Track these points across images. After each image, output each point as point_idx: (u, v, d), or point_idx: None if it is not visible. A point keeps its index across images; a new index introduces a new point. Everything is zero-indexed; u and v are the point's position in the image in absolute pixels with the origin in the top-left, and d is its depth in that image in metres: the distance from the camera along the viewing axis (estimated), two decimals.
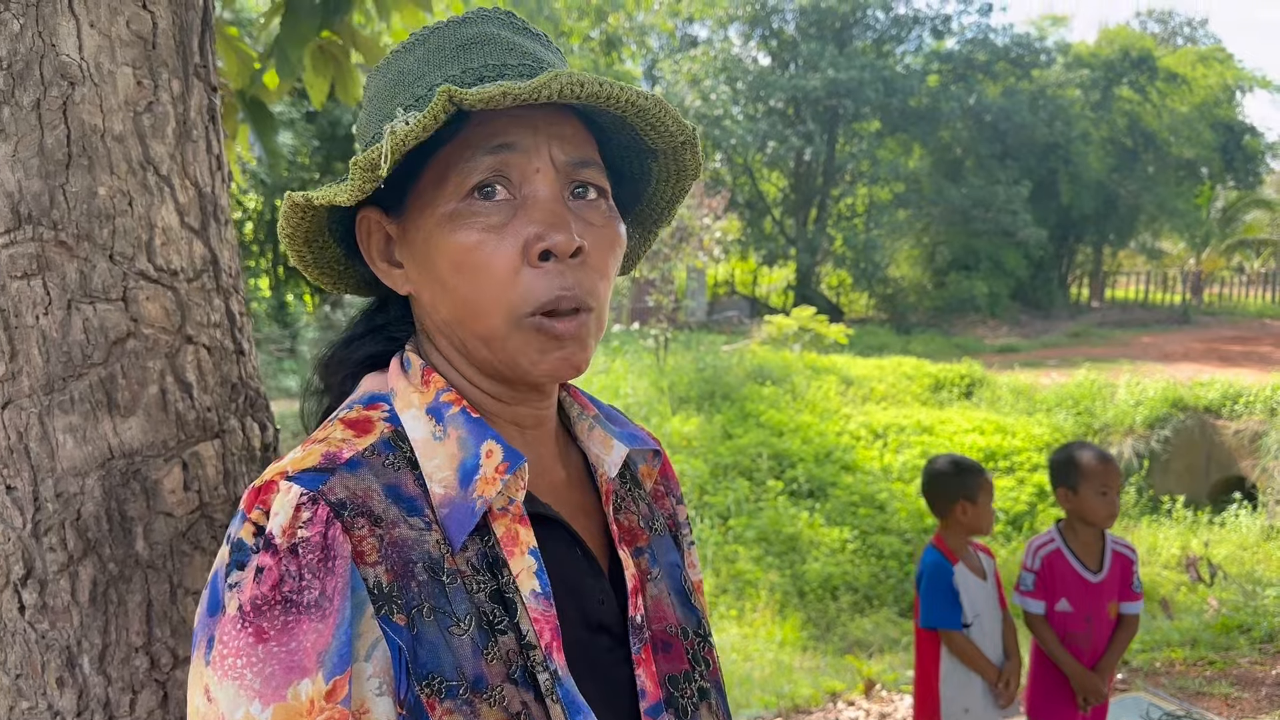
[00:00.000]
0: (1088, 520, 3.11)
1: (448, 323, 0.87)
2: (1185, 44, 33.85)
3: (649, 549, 0.99)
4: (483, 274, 0.81)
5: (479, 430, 0.85)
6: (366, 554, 0.76)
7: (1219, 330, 22.37)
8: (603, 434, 0.99)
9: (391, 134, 0.76)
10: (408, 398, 0.87)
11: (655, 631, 0.94)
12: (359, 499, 0.78)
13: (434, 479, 0.83)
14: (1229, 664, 4.94)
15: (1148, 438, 11.80)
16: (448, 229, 0.82)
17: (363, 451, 0.81)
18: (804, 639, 7.67)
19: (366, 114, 0.91)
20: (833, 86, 24.36)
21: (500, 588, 0.81)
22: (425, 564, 0.78)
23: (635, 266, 1.05)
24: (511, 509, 0.84)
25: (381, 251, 0.90)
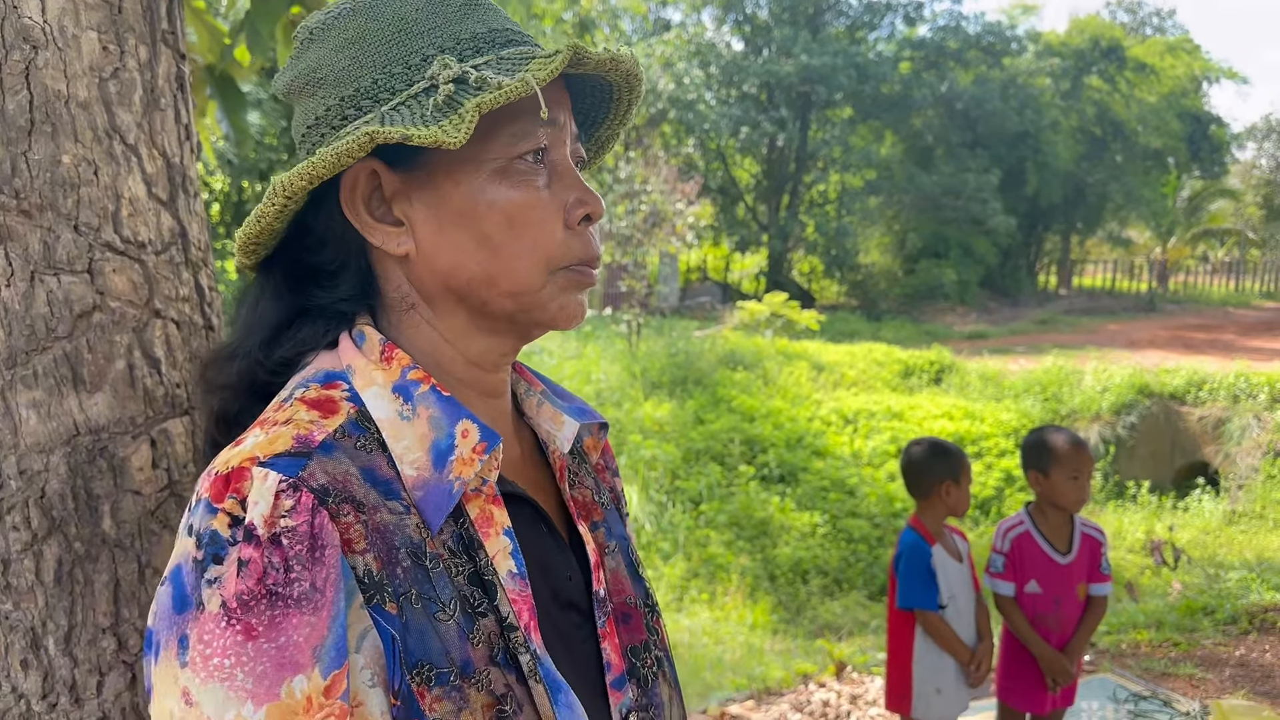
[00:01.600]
0: (1058, 504, 3.13)
1: (472, 281, 0.84)
2: (1154, 34, 34.18)
3: (604, 523, 1.00)
4: (535, 229, 0.83)
5: (452, 409, 0.82)
6: (354, 541, 0.74)
7: (1184, 318, 22.67)
8: (552, 409, 0.98)
9: (498, 88, 0.77)
10: (368, 375, 0.84)
11: (616, 604, 0.95)
12: (340, 484, 0.75)
13: (405, 461, 0.80)
14: (1193, 645, 5.01)
15: (1114, 424, 11.94)
16: (502, 184, 0.82)
17: (334, 433, 0.78)
18: (775, 622, 7.71)
19: (358, 53, 0.84)
20: (805, 72, 24.36)
21: (478, 570, 0.80)
22: (408, 549, 0.76)
23: None
24: (485, 489, 0.83)
25: (373, 209, 0.85)
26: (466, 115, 0.75)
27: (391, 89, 0.82)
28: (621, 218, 14.53)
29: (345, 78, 0.83)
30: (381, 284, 0.88)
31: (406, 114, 0.79)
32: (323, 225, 0.87)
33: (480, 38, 0.84)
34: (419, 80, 0.81)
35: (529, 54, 0.83)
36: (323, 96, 0.85)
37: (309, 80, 0.86)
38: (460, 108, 0.77)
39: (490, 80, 0.78)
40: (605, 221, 14.59)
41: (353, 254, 0.87)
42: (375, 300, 0.89)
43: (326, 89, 0.84)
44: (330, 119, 0.84)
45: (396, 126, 0.76)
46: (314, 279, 0.89)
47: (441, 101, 0.78)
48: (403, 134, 0.75)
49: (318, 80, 0.85)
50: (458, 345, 0.88)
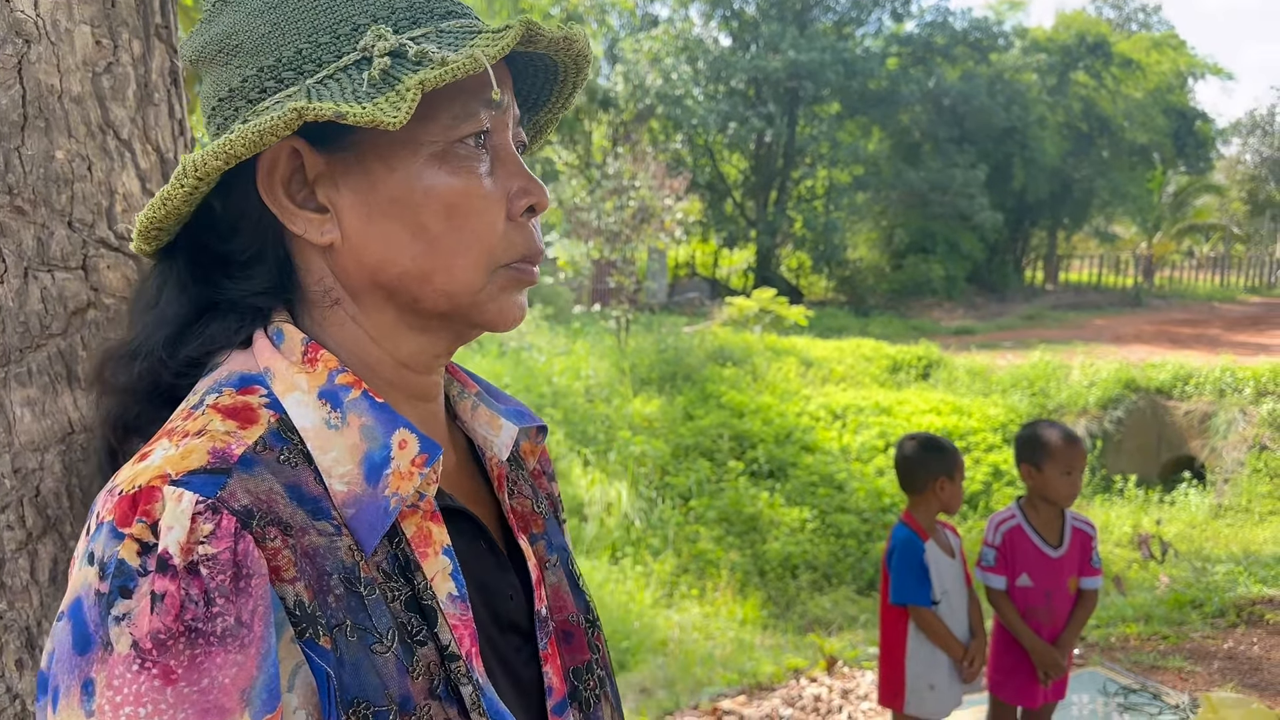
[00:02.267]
0: (1049, 498, 3.15)
1: (404, 276, 0.76)
2: (1139, 30, 34.34)
3: (544, 534, 0.93)
4: (476, 219, 0.76)
5: (387, 418, 0.74)
6: (283, 569, 0.66)
7: (1170, 313, 22.79)
8: (488, 413, 0.91)
9: (442, 64, 0.70)
10: (289, 379, 0.75)
11: (558, 622, 0.90)
12: (264, 504, 0.67)
13: (333, 475, 0.72)
14: (1182, 638, 5.04)
15: (1101, 418, 12.00)
16: (441, 169, 0.75)
17: (254, 446, 0.70)
18: (764, 617, 7.73)
19: (280, 19, 0.75)
20: (793, 68, 24.38)
21: (416, 594, 0.73)
22: (341, 575, 0.69)
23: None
24: (423, 505, 0.76)
25: (293, 192, 0.76)
26: (408, 93, 0.68)
27: (318, 60, 0.74)
28: (610, 214, 14.52)
29: (265, 46, 0.75)
30: (301, 276, 0.80)
31: (336, 89, 0.72)
32: (234, 210, 0.78)
33: (417, 7, 0.77)
34: (348, 52, 0.74)
35: (472, 27, 0.77)
36: (238, 66, 0.76)
37: (222, 47, 0.77)
38: (398, 84, 0.70)
39: (432, 55, 0.71)
40: (594, 218, 14.59)
41: (269, 242, 0.79)
42: (293, 294, 0.80)
43: (243, 58, 0.76)
44: (247, 91, 0.75)
45: (327, 102, 0.69)
46: (223, 269, 0.80)
47: (377, 76, 0.71)
48: (335, 111, 0.67)
49: (233, 48, 0.76)
50: (385, 345, 0.80)
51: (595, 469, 9.84)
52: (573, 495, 9.39)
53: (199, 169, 0.71)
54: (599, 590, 7.53)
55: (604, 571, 8.08)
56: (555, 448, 10.21)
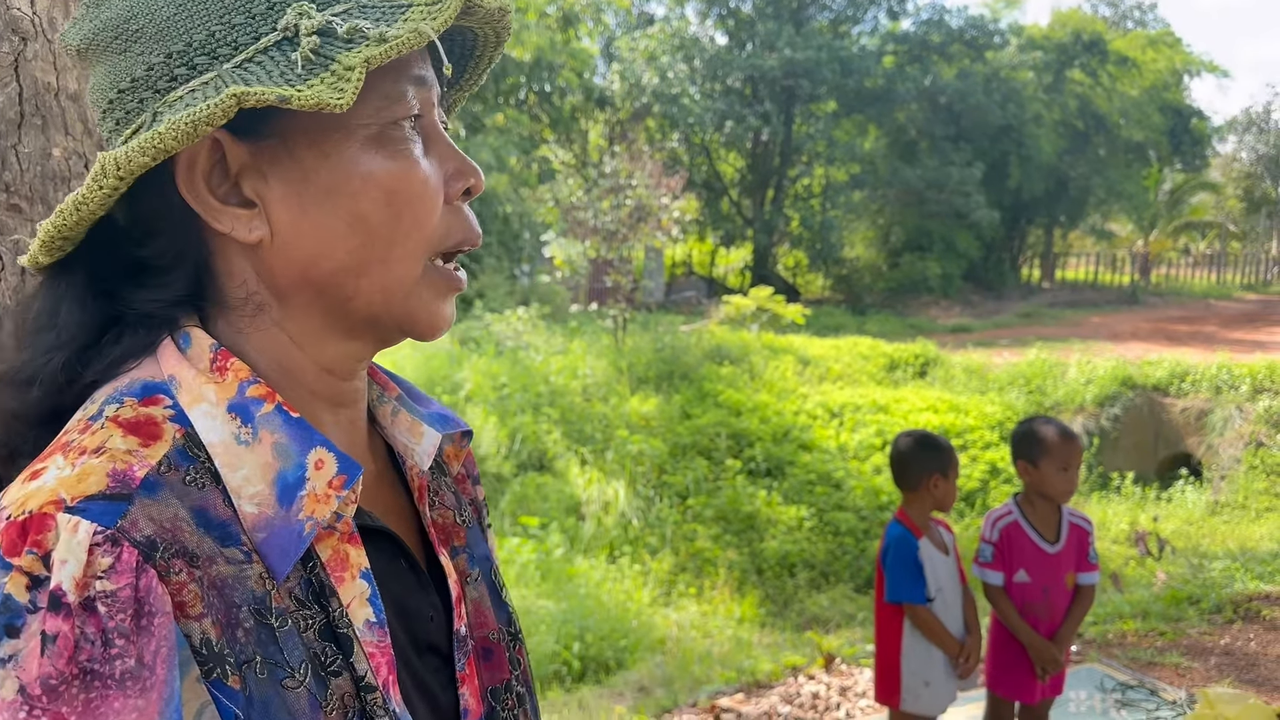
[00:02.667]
0: (1046, 495, 3.15)
1: (338, 272, 0.71)
2: (1135, 28, 34.37)
3: (466, 547, 0.88)
4: (418, 204, 0.72)
5: (302, 435, 0.69)
6: (188, 605, 0.61)
7: (1166, 310, 22.83)
8: (409, 418, 0.85)
9: (380, 40, 0.66)
10: (196, 389, 0.69)
11: (477, 640, 0.86)
12: (169, 533, 0.61)
13: (243, 495, 0.67)
14: (1179, 635, 5.05)
15: (1098, 415, 12.02)
16: (378, 154, 0.70)
17: (158, 467, 0.64)
18: (762, 615, 7.74)
19: (186, 0, 0.69)
20: (789, 66, 24.39)
21: (331, 621, 0.68)
22: (251, 606, 0.64)
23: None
24: (340, 526, 0.71)
25: (214, 187, 0.70)
26: (352, 73, 0.64)
27: (233, 43, 0.68)
28: (606, 212, 14.52)
29: (171, 30, 0.68)
30: (222, 280, 0.73)
31: (261, 72, 0.66)
32: (148, 211, 0.71)
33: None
34: (267, 32, 0.68)
35: (392, 1, 0.71)
36: (140, 53, 0.69)
37: (120, 33, 0.70)
38: (332, 64, 0.65)
39: (367, 30, 0.66)
40: (591, 217, 14.58)
41: (190, 244, 0.72)
42: (209, 300, 0.74)
43: (146, 44, 0.69)
44: (154, 80, 0.68)
45: (268, 86, 0.64)
46: (132, 278, 0.73)
47: (309, 57, 0.66)
48: (279, 95, 0.62)
49: (132, 33, 0.69)
50: (309, 350, 0.75)
51: (593, 468, 9.85)
52: (570, 494, 9.39)
53: (122, 168, 0.64)
54: (596, 589, 7.53)
55: (601, 570, 8.08)
56: (554, 446, 10.22)
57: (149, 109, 0.68)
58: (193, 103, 0.65)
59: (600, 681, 5.95)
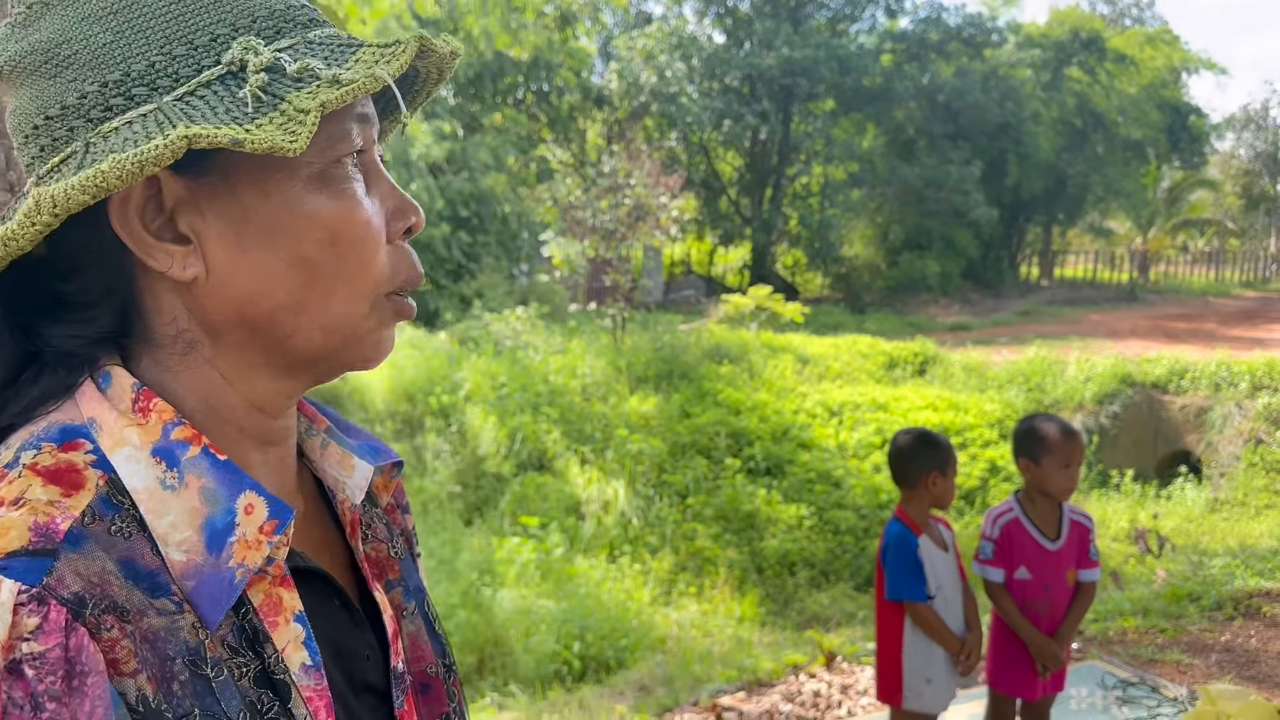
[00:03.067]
0: (1048, 492, 3.15)
1: (276, 311, 0.69)
2: (1133, 25, 34.40)
3: (400, 580, 0.86)
4: (362, 246, 0.70)
5: (231, 478, 0.67)
6: (122, 662, 0.58)
7: (1165, 308, 22.84)
8: (340, 451, 0.83)
9: (334, 82, 0.64)
10: (118, 433, 0.66)
11: (415, 675, 0.83)
12: (98, 588, 0.58)
13: (170, 543, 0.64)
14: (1180, 632, 5.05)
15: (1097, 413, 12.02)
16: (322, 193, 0.68)
17: (82, 518, 0.61)
18: (762, 614, 7.74)
19: (123, 26, 0.66)
20: (787, 65, 24.40)
21: (266, 668, 0.66)
22: (185, 657, 0.61)
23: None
24: (272, 570, 0.68)
25: (148, 222, 0.67)
26: (308, 116, 0.61)
27: (174, 74, 0.65)
28: (605, 212, 14.52)
29: (108, 57, 0.65)
30: (150, 317, 0.70)
31: (205, 107, 0.63)
32: (76, 245, 0.67)
33: (279, 15, 0.69)
34: (209, 65, 0.66)
35: (341, 38, 0.70)
36: (73, 80, 0.66)
37: (49, 57, 0.66)
38: (281, 103, 0.63)
39: (319, 71, 0.64)
40: (589, 216, 14.59)
41: (119, 280, 0.69)
42: (134, 337, 0.70)
43: (79, 70, 0.66)
44: (87, 109, 0.65)
45: (223, 128, 0.61)
46: (50, 313, 0.70)
47: (259, 95, 0.63)
48: (231, 138, 0.60)
49: (64, 59, 0.66)
50: (240, 387, 0.72)
51: (592, 467, 9.85)
52: (570, 494, 9.39)
53: (59, 205, 0.61)
54: (597, 588, 7.54)
55: (602, 570, 8.08)
56: (553, 445, 10.22)
57: (80, 138, 0.65)
58: (131, 135, 0.63)
59: (601, 681, 5.95)
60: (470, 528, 9.06)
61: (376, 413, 10.90)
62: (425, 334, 13.85)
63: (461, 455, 10.25)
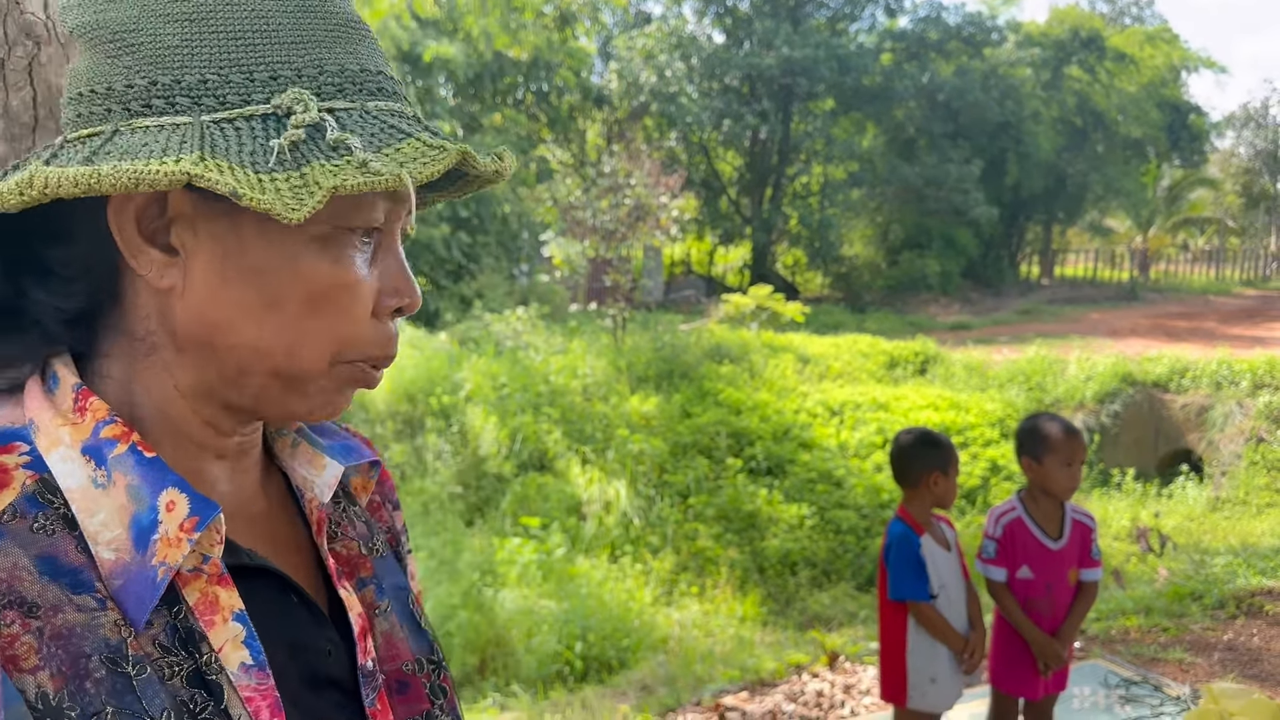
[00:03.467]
0: (1050, 491, 3.16)
1: (239, 347, 0.69)
2: (1133, 24, 34.39)
3: (374, 578, 0.85)
4: (343, 315, 0.70)
5: (154, 475, 0.66)
6: (21, 658, 0.58)
7: (1165, 306, 22.83)
8: (310, 451, 0.83)
9: (361, 167, 0.63)
10: (54, 433, 0.67)
11: (389, 673, 0.82)
12: (3, 584, 0.59)
13: (100, 541, 0.64)
14: (1182, 630, 5.05)
15: (1098, 412, 12.02)
16: (321, 254, 0.68)
17: (1, 516, 0.62)
18: (764, 614, 7.74)
19: (193, 36, 0.66)
20: (787, 64, 24.40)
21: (200, 667, 0.65)
22: (102, 655, 0.61)
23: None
24: (207, 568, 0.67)
25: (144, 225, 0.67)
26: (315, 193, 0.61)
27: (221, 96, 0.65)
28: (605, 212, 14.52)
29: (167, 59, 0.66)
30: (125, 309, 0.70)
31: (234, 142, 0.64)
32: (70, 218, 0.69)
33: (348, 75, 0.69)
34: (258, 100, 0.66)
35: (399, 118, 0.70)
36: (127, 67, 0.66)
37: (114, 38, 0.67)
38: (303, 166, 0.63)
39: (354, 150, 0.64)
40: (589, 216, 14.58)
41: (101, 262, 0.69)
42: (109, 324, 0.71)
43: (136, 60, 0.66)
44: (128, 99, 0.66)
45: (226, 175, 0.61)
46: (33, 271, 0.70)
47: (286, 147, 0.63)
48: (233, 189, 0.60)
49: (128, 44, 0.66)
50: (191, 401, 0.72)
51: (594, 467, 9.85)
52: (571, 494, 9.39)
53: (50, 188, 0.61)
54: (598, 589, 7.54)
55: (603, 570, 8.09)
56: (554, 445, 10.22)
57: (112, 123, 0.65)
58: (150, 142, 0.63)
59: (603, 681, 5.95)
60: (471, 528, 9.06)
61: (377, 413, 10.91)
62: (425, 334, 13.86)
63: (462, 456, 10.25)
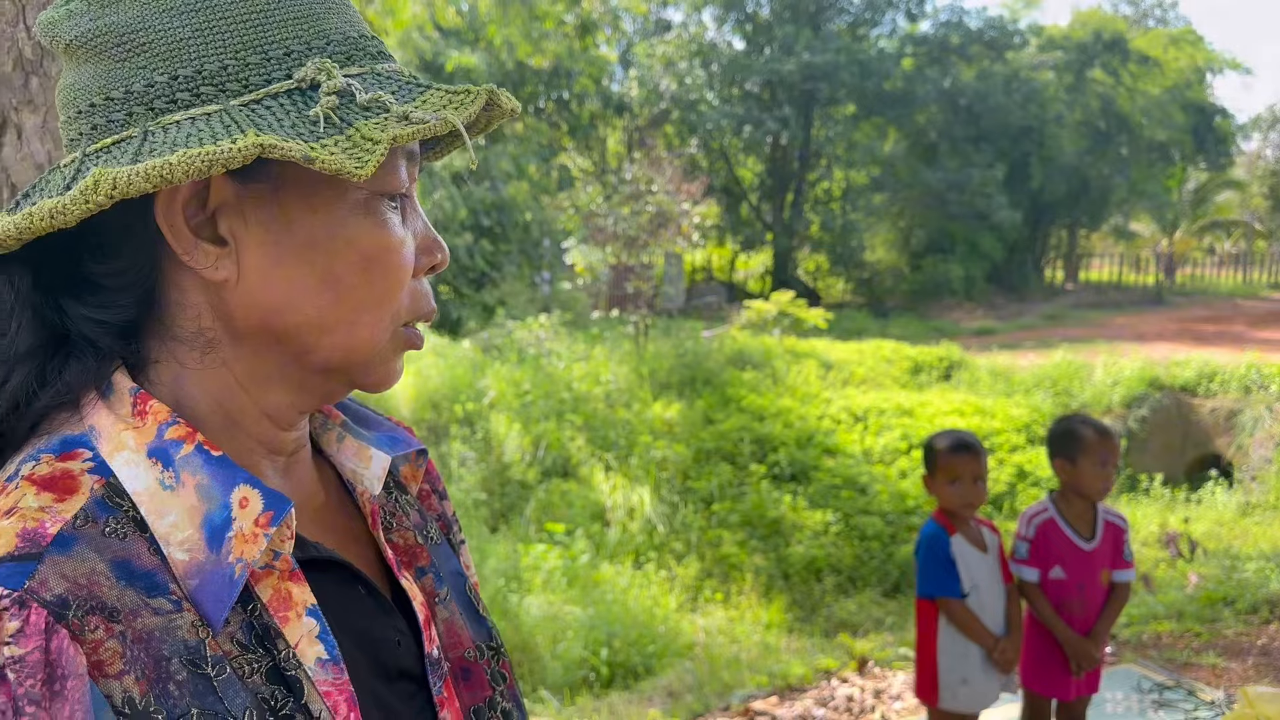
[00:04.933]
0: (1083, 492, 3.15)
1: (302, 326, 0.70)
2: (1156, 26, 34.16)
3: (432, 566, 0.86)
4: (393, 277, 0.72)
5: (225, 473, 0.66)
6: (107, 663, 0.58)
7: (1192, 310, 22.62)
8: (356, 444, 0.84)
9: (402, 119, 0.65)
10: (116, 437, 0.67)
11: (453, 660, 0.83)
12: (84, 590, 0.59)
13: (171, 542, 0.64)
14: (1215, 635, 4.99)
15: (1125, 417, 11.90)
16: (366, 219, 0.70)
17: (74, 521, 0.61)
18: (790, 621, 7.70)
19: (204, 25, 0.66)
20: (808, 70, 24.37)
21: (278, 664, 0.65)
22: (183, 657, 0.61)
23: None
24: (278, 564, 0.68)
25: (189, 218, 0.67)
26: (379, 147, 0.63)
27: (244, 80, 0.66)
28: (626, 219, 14.53)
29: (183, 51, 0.66)
30: (173, 311, 0.70)
31: (270, 118, 0.64)
32: (117, 226, 0.67)
33: (351, 43, 0.71)
34: (279, 78, 0.67)
35: (405, 76, 0.72)
36: (143, 66, 0.66)
37: (123, 40, 0.66)
38: (348, 129, 0.64)
39: (389, 105, 0.66)
40: (611, 223, 14.60)
41: (147, 269, 0.69)
42: (153, 331, 0.71)
43: (151, 58, 0.66)
44: (151, 98, 0.66)
45: (294, 142, 0.62)
46: (74, 291, 0.69)
47: (333, 117, 0.65)
48: (304, 154, 0.61)
49: (139, 44, 0.66)
50: (253, 393, 0.72)
51: (617, 474, 9.84)
52: (595, 500, 9.39)
53: (119, 188, 0.60)
54: (623, 595, 7.52)
55: (628, 576, 8.07)
56: (577, 452, 10.22)
57: (138, 125, 0.65)
58: (195, 132, 0.63)
59: (629, 687, 5.93)
60: (496, 535, 9.06)
61: (402, 420, 10.94)
62: (449, 342, 13.89)
63: (486, 463, 10.26)
